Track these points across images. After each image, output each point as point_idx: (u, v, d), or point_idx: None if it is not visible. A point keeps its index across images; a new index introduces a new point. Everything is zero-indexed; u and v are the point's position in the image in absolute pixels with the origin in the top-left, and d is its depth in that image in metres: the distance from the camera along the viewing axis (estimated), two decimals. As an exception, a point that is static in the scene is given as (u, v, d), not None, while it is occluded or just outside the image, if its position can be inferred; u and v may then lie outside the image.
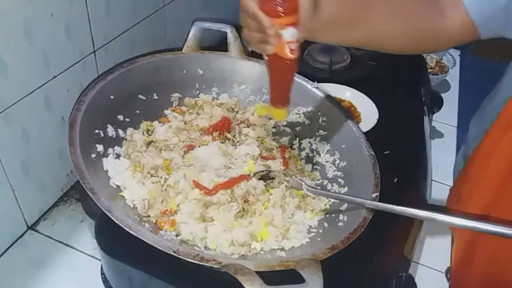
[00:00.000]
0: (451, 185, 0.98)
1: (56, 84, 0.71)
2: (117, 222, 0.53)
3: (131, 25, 0.86)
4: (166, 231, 0.60)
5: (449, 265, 0.81)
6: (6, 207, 0.71)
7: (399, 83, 1.10)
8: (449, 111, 1.19)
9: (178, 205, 0.63)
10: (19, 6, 0.60)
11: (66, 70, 0.73)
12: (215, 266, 0.51)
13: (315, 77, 0.85)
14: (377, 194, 0.63)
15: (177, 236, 0.60)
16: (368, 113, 0.94)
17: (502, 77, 0.68)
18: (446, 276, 0.80)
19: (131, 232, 0.52)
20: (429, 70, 1.25)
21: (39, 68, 0.67)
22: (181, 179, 0.66)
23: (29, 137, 0.70)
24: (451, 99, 1.27)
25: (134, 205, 0.63)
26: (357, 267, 0.64)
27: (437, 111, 1.10)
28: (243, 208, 0.64)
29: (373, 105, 0.95)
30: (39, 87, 0.68)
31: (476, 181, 0.69)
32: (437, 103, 1.09)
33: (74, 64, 0.74)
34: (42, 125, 0.72)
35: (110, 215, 0.54)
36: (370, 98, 0.97)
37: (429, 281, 0.78)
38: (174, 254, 0.51)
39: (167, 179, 0.66)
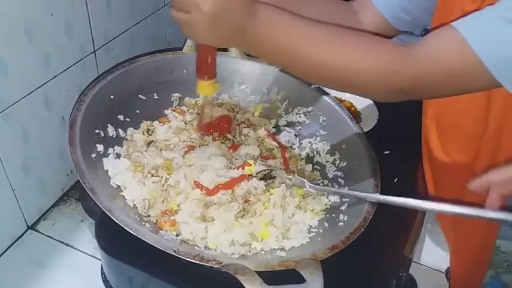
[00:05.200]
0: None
1: (56, 83, 0.71)
2: (117, 222, 0.53)
3: (131, 25, 0.86)
4: (166, 231, 0.60)
5: (449, 265, 0.82)
6: (6, 207, 0.71)
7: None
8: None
9: (178, 205, 0.63)
10: (19, 5, 0.60)
11: (66, 70, 0.73)
12: (215, 266, 0.51)
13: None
14: (377, 194, 0.63)
15: (177, 235, 0.60)
16: (368, 113, 0.94)
17: None
18: (446, 276, 0.80)
19: (131, 232, 0.52)
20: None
21: (40, 68, 0.67)
22: (182, 179, 0.66)
23: (29, 137, 0.70)
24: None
25: (134, 205, 0.63)
26: (357, 267, 0.64)
27: (437, 111, 1.10)
28: (244, 208, 0.64)
29: (373, 105, 0.95)
30: (39, 87, 0.68)
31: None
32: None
33: (74, 64, 0.74)
34: (42, 124, 0.72)
35: (110, 215, 0.54)
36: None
37: (429, 281, 0.78)
38: (175, 254, 0.51)
39: (168, 178, 0.66)
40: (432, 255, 0.82)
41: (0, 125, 0.63)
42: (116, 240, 0.60)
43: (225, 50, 0.85)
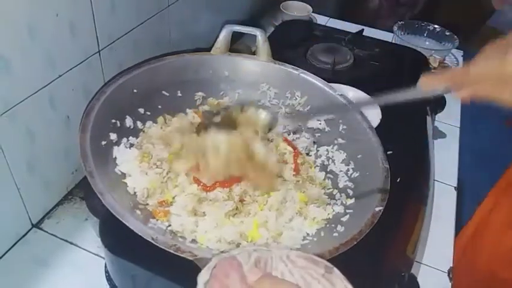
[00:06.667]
0: (454, 185, 0.99)
1: (61, 83, 0.72)
2: (104, 204, 0.55)
3: (136, 25, 0.87)
4: (158, 220, 0.62)
5: (451, 265, 0.82)
6: (11, 206, 0.71)
7: (402, 83, 1.09)
8: (452, 111, 1.19)
9: (174, 197, 0.65)
10: (24, 6, 0.60)
11: (71, 69, 0.73)
12: (189, 258, 0.52)
13: (318, 76, 0.85)
14: (381, 208, 0.63)
15: (169, 226, 0.62)
16: (371, 113, 0.93)
17: None
18: (448, 276, 0.80)
19: (117, 216, 0.54)
20: (432, 71, 1.25)
21: (44, 68, 0.68)
22: (182, 172, 0.67)
23: (34, 136, 0.70)
24: (453, 99, 1.26)
25: (135, 192, 0.65)
26: (359, 267, 0.64)
27: (440, 112, 1.10)
28: (237, 207, 0.65)
29: (376, 105, 0.95)
30: (44, 87, 0.69)
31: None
32: (440, 103, 1.09)
33: (79, 64, 0.74)
34: (47, 124, 0.72)
35: (100, 197, 0.55)
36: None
37: (432, 281, 0.78)
38: (152, 241, 0.53)
39: (169, 171, 0.67)
40: (434, 255, 0.82)
41: (5, 124, 0.64)
42: (120, 239, 0.61)
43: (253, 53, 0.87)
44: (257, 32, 0.85)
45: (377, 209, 0.62)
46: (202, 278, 0.46)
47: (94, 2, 0.73)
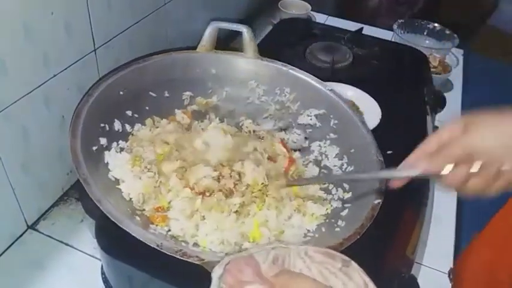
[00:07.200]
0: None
1: (56, 83, 0.71)
2: (104, 212, 0.53)
3: (132, 23, 0.86)
4: (157, 225, 0.61)
5: (452, 266, 0.81)
6: (6, 207, 0.70)
7: (402, 82, 1.09)
8: (452, 110, 1.18)
9: (169, 202, 0.64)
10: (19, 4, 0.60)
11: (66, 69, 0.72)
12: (197, 263, 0.51)
13: (317, 75, 0.84)
14: (379, 201, 0.62)
15: (168, 231, 0.61)
16: (371, 112, 0.93)
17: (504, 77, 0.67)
18: (449, 277, 0.79)
19: (118, 223, 0.53)
20: (432, 69, 1.24)
21: (39, 67, 0.67)
22: (173, 176, 0.66)
23: (29, 136, 0.69)
24: (453, 98, 1.26)
25: (130, 198, 0.63)
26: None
27: (440, 111, 1.09)
28: (236, 210, 0.64)
29: (376, 104, 0.94)
30: (39, 86, 0.68)
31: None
32: (440, 103, 1.09)
33: (74, 63, 0.74)
34: (42, 123, 0.71)
35: (98, 205, 0.54)
36: (372, 97, 0.96)
37: (432, 282, 0.77)
38: (157, 248, 0.52)
39: (159, 174, 0.66)
40: (435, 256, 0.81)
41: (0, 124, 0.63)
42: (116, 240, 0.60)
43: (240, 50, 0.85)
44: (243, 29, 0.83)
45: (376, 201, 0.62)
46: (216, 272, 0.47)
47: (90, 0, 0.72)
